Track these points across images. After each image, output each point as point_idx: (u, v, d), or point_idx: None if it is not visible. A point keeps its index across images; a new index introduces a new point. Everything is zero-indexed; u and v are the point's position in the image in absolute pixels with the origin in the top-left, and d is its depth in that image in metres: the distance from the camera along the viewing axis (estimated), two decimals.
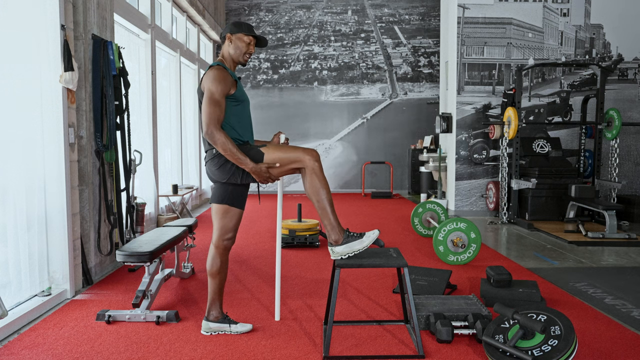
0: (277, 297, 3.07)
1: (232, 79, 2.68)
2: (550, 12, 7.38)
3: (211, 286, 2.85)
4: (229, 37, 2.76)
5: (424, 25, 10.24)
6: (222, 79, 2.61)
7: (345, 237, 2.58)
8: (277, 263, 3.08)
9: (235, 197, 2.79)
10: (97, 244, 3.97)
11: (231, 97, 2.68)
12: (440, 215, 5.59)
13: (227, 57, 2.79)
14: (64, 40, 3.43)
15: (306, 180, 2.62)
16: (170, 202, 6.52)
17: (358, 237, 2.58)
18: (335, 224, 2.59)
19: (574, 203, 6.13)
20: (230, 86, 2.66)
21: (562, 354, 2.28)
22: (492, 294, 3.32)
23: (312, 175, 2.60)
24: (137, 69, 5.51)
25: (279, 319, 3.05)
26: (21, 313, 2.99)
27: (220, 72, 2.63)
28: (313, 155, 2.61)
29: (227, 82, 2.63)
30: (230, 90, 2.66)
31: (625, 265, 4.49)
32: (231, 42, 2.76)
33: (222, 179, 2.72)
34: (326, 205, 2.60)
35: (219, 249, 2.81)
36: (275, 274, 3.08)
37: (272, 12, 10.27)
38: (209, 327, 2.84)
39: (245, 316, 3.12)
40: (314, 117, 10.23)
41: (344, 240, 2.58)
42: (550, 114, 7.45)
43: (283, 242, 5.05)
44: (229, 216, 2.79)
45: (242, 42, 2.75)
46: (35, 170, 3.34)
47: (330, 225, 2.59)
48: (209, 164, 2.73)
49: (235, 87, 2.70)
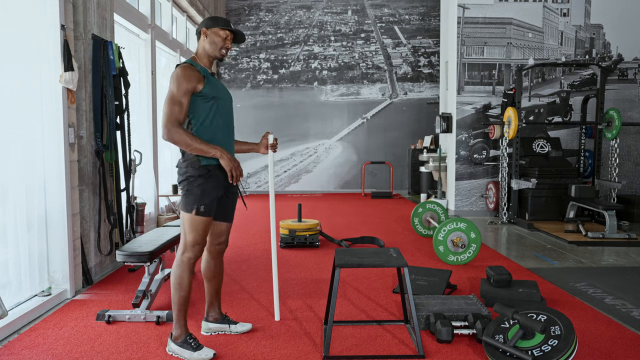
0: (275, 297, 3.07)
1: (198, 75, 2.53)
2: (550, 12, 7.38)
3: (208, 289, 2.85)
4: (204, 31, 2.64)
5: (424, 25, 10.24)
6: (184, 76, 2.49)
7: (183, 339, 2.56)
8: (273, 263, 3.08)
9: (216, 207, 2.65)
10: (97, 244, 3.97)
11: (199, 95, 2.53)
12: (440, 215, 5.59)
13: (202, 53, 2.66)
14: (64, 40, 3.43)
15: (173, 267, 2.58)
16: (170, 202, 6.52)
17: (195, 349, 2.53)
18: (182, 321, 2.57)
19: (574, 203, 6.13)
20: (196, 83, 2.51)
21: (562, 354, 2.28)
22: (492, 294, 3.32)
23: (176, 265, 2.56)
24: (137, 69, 5.51)
25: (279, 319, 3.05)
26: (21, 313, 2.99)
27: (183, 70, 2.51)
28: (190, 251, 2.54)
29: (190, 79, 2.49)
30: (196, 87, 2.51)
31: (625, 265, 4.49)
32: (207, 37, 2.64)
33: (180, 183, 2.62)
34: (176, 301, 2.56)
35: (212, 253, 2.79)
36: (273, 274, 3.07)
37: (272, 12, 10.27)
38: (208, 328, 2.85)
39: (245, 316, 3.12)
40: (314, 117, 10.22)
41: (182, 342, 2.55)
42: (550, 114, 7.45)
43: (283, 242, 5.05)
44: (215, 224, 2.73)
45: (218, 36, 2.62)
46: (35, 170, 3.34)
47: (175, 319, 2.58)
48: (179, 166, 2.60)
49: (203, 83, 2.54)
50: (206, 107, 2.57)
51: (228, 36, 2.66)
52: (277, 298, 3.08)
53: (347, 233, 5.81)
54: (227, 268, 4.26)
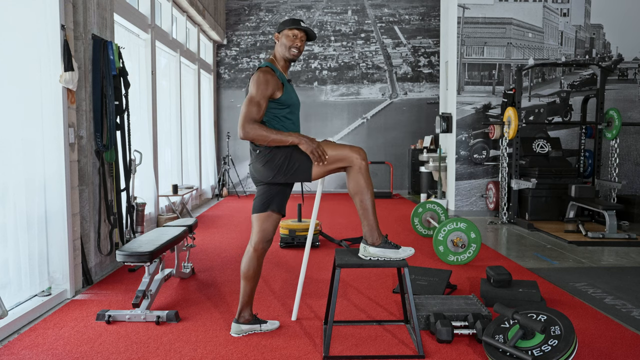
0: (297, 296, 3.06)
1: (277, 82, 2.58)
2: (550, 12, 7.38)
3: (244, 289, 2.80)
4: (276, 36, 2.70)
5: (424, 25, 10.24)
6: (265, 81, 2.53)
7: (382, 242, 2.58)
8: (303, 264, 3.07)
9: (278, 201, 2.74)
10: (97, 244, 3.97)
11: (276, 101, 2.60)
12: (440, 215, 5.59)
13: (278, 56, 2.72)
14: (64, 40, 3.43)
15: (351, 179, 2.58)
16: (170, 202, 6.52)
17: (395, 247, 2.58)
18: (375, 226, 2.58)
19: (574, 203, 6.13)
20: (275, 89, 2.56)
21: (562, 354, 2.28)
22: (492, 294, 3.32)
23: (358, 174, 2.56)
24: (137, 69, 5.51)
25: (279, 319, 3.05)
26: (21, 313, 2.99)
27: (264, 75, 2.55)
28: (360, 154, 2.57)
29: (270, 84, 2.55)
30: (275, 93, 2.57)
31: (625, 265, 4.49)
32: (278, 41, 2.69)
33: (267, 177, 2.64)
34: (368, 205, 2.58)
35: (257, 251, 2.75)
36: (300, 275, 3.07)
37: (272, 12, 10.27)
38: (240, 329, 2.81)
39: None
40: (314, 117, 10.22)
41: (381, 244, 2.58)
42: (550, 114, 7.45)
43: (283, 242, 5.05)
44: (270, 220, 2.74)
45: (287, 37, 2.66)
46: (35, 170, 3.34)
47: (369, 227, 2.58)
48: (253, 164, 2.67)
49: (282, 91, 2.60)
50: (280, 114, 2.63)
51: (297, 35, 2.67)
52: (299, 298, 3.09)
53: (347, 233, 5.81)
54: (228, 267, 4.26)
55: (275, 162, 2.59)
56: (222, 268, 4.27)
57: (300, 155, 2.58)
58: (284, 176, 2.62)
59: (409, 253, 2.58)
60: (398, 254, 2.57)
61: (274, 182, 2.68)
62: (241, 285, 2.80)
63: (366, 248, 2.59)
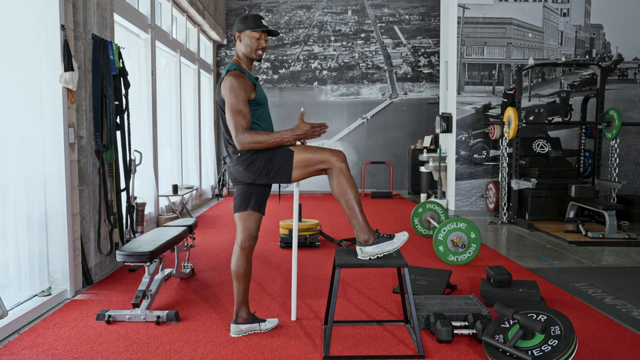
0: (293, 296, 3.07)
1: (250, 84, 2.61)
2: (550, 12, 7.38)
3: (238, 289, 2.80)
4: (237, 36, 2.69)
5: (424, 25, 10.24)
6: (240, 86, 2.55)
7: (375, 237, 2.58)
8: (293, 264, 3.07)
9: (258, 200, 2.76)
10: (97, 244, 3.97)
11: (252, 102, 2.62)
12: (440, 215, 5.59)
13: (241, 56, 2.71)
14: (64, 40, 3.43)
15: (333, 181, 2.59)
16: (170, 202, 6.52)
17: (388, 239, 2.58)
18: (365, 224, 2.59)
19: (574, 203, 6.13)
20: (250, 91, 2.60)
21: (562, 354, 2.28)
22: (492, 294, 3.32)
23: (339, 175, 2.58)
24: (137, 69, 5.50)
25: (278, 319, 3.05)
26: (21, 313, 2.99)
27: (237, 80, 2.55)
28: (340, 156, 2.60)
29: (246, 88, 2.56)
30: (250, 95, 2.60)
31: (625, 265, 4.49)
32: (241, 41, 2.68)
33: (248, 179, 2.67)
34: (354, 205, 2.59)
35: (244, 249, 2.77)
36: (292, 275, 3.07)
37: (272, 12, 10.27)
38: (239, 330, 2.81)
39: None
40: (314, 117, 10.20)
41: (375, 240, 2.58)
42: (550, 114, 7.45)
43: (283, 242, 5.05)
44: (252, 219, 2.77)
45: (251, 38, 2.66)
46: (35, 170, 3.34)
47: (358, 226, 2.59)
48: (234, 166, 2.69)
49: (255, 91, 2.63)
50: (256, 114, 2.66)
51: (261, 36, 2.68)
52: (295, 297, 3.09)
53: (347, 233, 5.81)
54: (228, 267, 4.26)
55: (256, 165, 2.62)
56: (222, 268, 4.27)
57: (280, 158, 2.61)
58: (265, 177, 2.65)
59: (403, 239, 2.58)
60: (393, 244, 2.57)
61: (254, 184, 2.72)
62: (234, 285, 2.81)
63: (362, 249, 2.60)
